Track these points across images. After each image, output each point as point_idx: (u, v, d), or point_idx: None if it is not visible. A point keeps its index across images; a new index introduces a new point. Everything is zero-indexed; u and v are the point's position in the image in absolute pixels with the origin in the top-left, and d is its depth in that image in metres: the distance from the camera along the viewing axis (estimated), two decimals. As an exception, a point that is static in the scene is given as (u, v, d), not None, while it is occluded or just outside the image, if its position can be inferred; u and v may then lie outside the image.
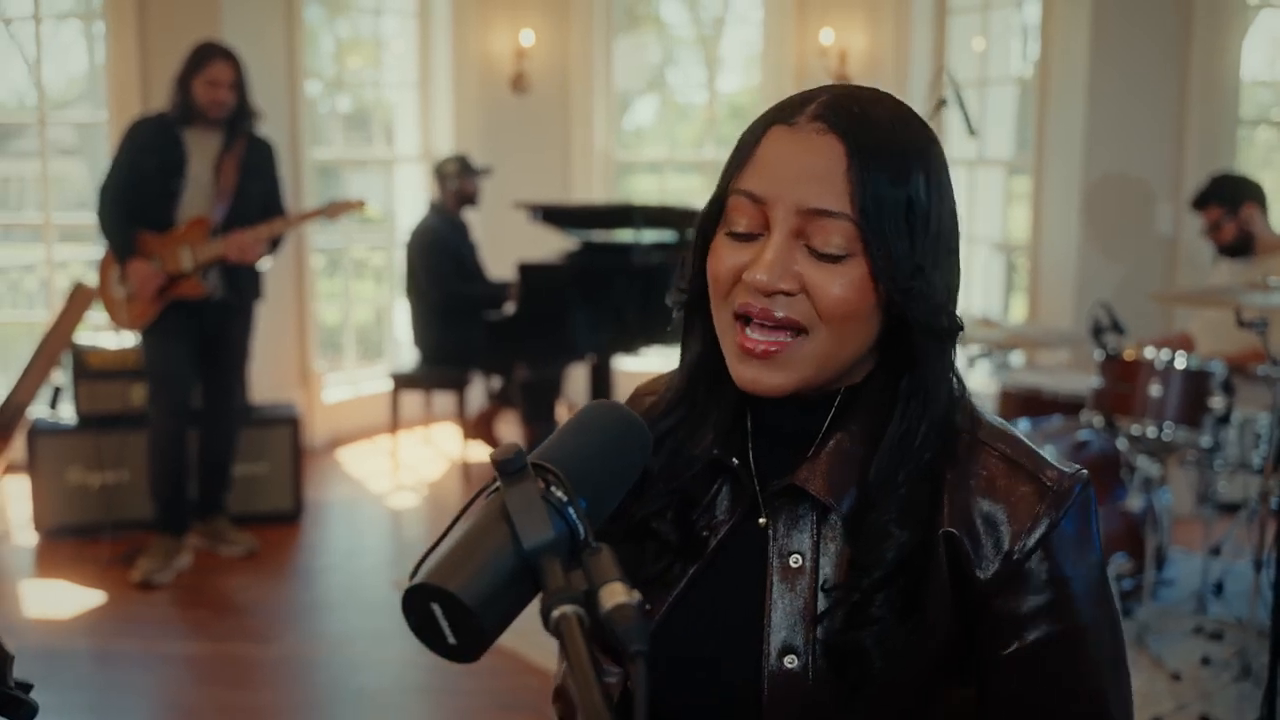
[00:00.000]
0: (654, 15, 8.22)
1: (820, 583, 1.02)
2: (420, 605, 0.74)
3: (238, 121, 4.45)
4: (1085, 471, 1.05)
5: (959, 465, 1.04)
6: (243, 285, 4.57)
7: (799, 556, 1.04)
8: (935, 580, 1.02)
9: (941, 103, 4.24)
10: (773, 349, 1.01)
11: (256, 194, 4.51)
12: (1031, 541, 1.01)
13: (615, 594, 0.68)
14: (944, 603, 1.02)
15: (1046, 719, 1.04)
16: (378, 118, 7.28)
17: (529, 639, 3.44)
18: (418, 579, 0.74)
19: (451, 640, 0.74)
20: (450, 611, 0.73)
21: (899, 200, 0.98)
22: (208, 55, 4.36)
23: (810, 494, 1.04)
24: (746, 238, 1.02)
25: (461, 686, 3.67)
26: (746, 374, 1.03)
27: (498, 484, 0.77)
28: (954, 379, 1.07)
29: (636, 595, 0.68)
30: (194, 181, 4.39)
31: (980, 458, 1.04)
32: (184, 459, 4.54)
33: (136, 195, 4.36)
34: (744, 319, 1.02)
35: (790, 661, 1.01)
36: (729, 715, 1.04)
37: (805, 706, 1.01)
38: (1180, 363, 3.80)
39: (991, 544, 1.01)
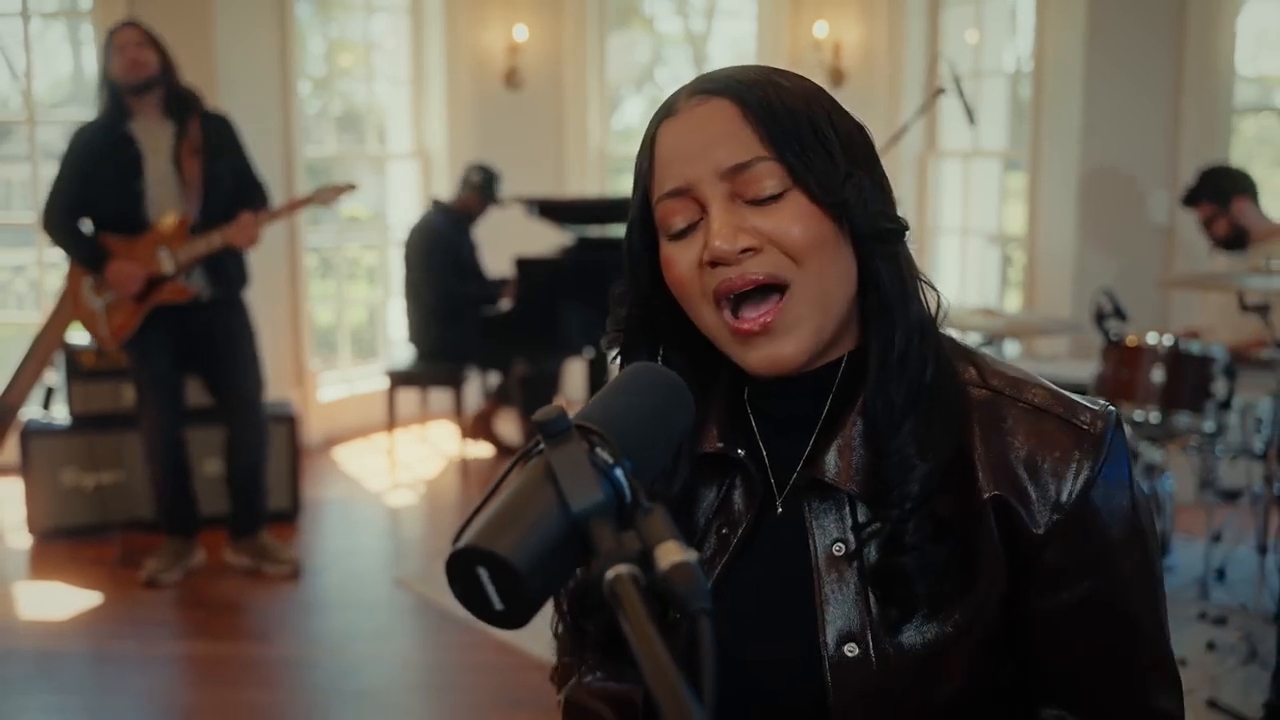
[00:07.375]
0: (642, 15, 8.21)
1: (867, 564, 1.01)
2: (465, 570, 0.71)
3: (179, 105, 4.19)
4: (1113, 409, 1.04)
5: (985, 424, 1.02)
6: (229, 277, 4.30)
7: (840, 544, 1.02)
8: (986, 546, 1.00)
9: (939, 91, 4.23)
10: (768, 319, 0.98)
11: (225, 174, 4.22)
12: (1077, 490, 0.99)
13: (671, 552, 0.66)
14: (998, 567, 1.00)
15: (1103, 661, 1.03)
16: (370, 116, 7.25)
17: (530, 634, 3.41)
18: (463, 542, 0.71)
19: (498, 606, 0.71)
20: (497, 576, 0.70)
21: (801, 123, 0.99)
22: (111, 32, 4.15)
23: (831, 484, 1.02)
24: (688, 231, 1.01)
25: (462, 683, 3.64)
26: (759, 355, 1.00)
27: (540, 446, 0.75)
28: (921, 285, 1.04)
29: (693, 553, 0.66)
30: (155, 179, 4.15)
31: (1004, 411, 1.02)
32: (184, 462, 4.43)
33: (98, 203, 4.14)
34: (729, 301, 1.00)
35: (851, 650, 0.99)
36: (792, 714, 1.02)
37: (871, 693, 0.99)
38: (1182, 348, 3.80)
39: (1040, 498, 1.00)
